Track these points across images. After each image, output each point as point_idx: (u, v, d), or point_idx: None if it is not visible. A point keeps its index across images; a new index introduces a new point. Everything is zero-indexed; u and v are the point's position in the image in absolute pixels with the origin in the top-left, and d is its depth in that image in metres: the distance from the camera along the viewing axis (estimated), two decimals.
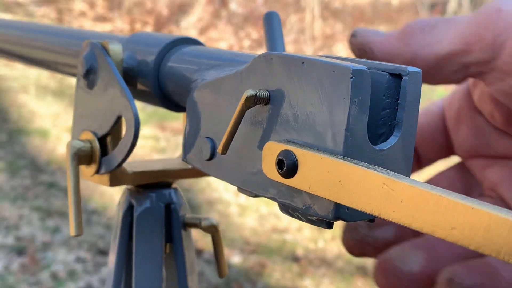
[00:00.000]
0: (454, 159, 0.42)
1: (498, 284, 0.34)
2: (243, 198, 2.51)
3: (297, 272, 2.03)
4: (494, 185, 0.38)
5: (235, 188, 0.33)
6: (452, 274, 0.33)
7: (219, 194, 2.53)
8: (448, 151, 0.42)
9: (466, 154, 0.40)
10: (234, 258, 2.07)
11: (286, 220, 2.38)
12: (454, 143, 0.40)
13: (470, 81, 0.38)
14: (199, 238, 2.04)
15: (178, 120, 3.03)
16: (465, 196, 0.20)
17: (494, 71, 0.32)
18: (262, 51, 0.31)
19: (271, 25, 0.37)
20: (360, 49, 0.35)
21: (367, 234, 0.38)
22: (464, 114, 0.39)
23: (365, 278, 2.01)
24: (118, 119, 0.39)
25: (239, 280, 1.94)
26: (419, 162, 0.43)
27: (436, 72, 0.34)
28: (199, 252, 1.99)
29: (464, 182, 0.40)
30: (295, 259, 2.11)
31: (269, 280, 1.97)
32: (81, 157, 0.40)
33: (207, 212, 2.37)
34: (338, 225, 0.29)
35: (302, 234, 2.31)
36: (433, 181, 0.41)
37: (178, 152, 0.41)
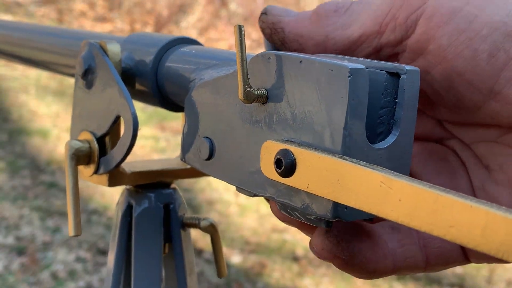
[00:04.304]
0: None
1: None
2: (243, 198, 2.51)
3: (297, 272, 2.03)
4: None
5: (235, 188, 0.33)
6: None
7: (219, 194, 2.53)
8: None
9: None
10: (234, 258, 2.07)
11: None
12: None
13: None
14: (199, 238, 2.04)
15: (178, 120, 3.03)
16: (463, 194, 0.20)
17: (405, 51, 0.31)
18: (261, 51, 0.31)
19: None
20: (271, 28, 0.33)
21: None
22: None
23: None
24: (117, 119, 0.39)
25: (239, 280, 1.94)
26: None
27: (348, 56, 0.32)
28: (199, 252, 1.99)
29: None
30: (295, 259, 2.11)
31: (269, 280, 1.97)
32: (79, 157, 0.40)
33: (207, 212, 2.37)
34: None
35: (302, 234, 2.30)
36: None
37: (178, 152, 0.41)
